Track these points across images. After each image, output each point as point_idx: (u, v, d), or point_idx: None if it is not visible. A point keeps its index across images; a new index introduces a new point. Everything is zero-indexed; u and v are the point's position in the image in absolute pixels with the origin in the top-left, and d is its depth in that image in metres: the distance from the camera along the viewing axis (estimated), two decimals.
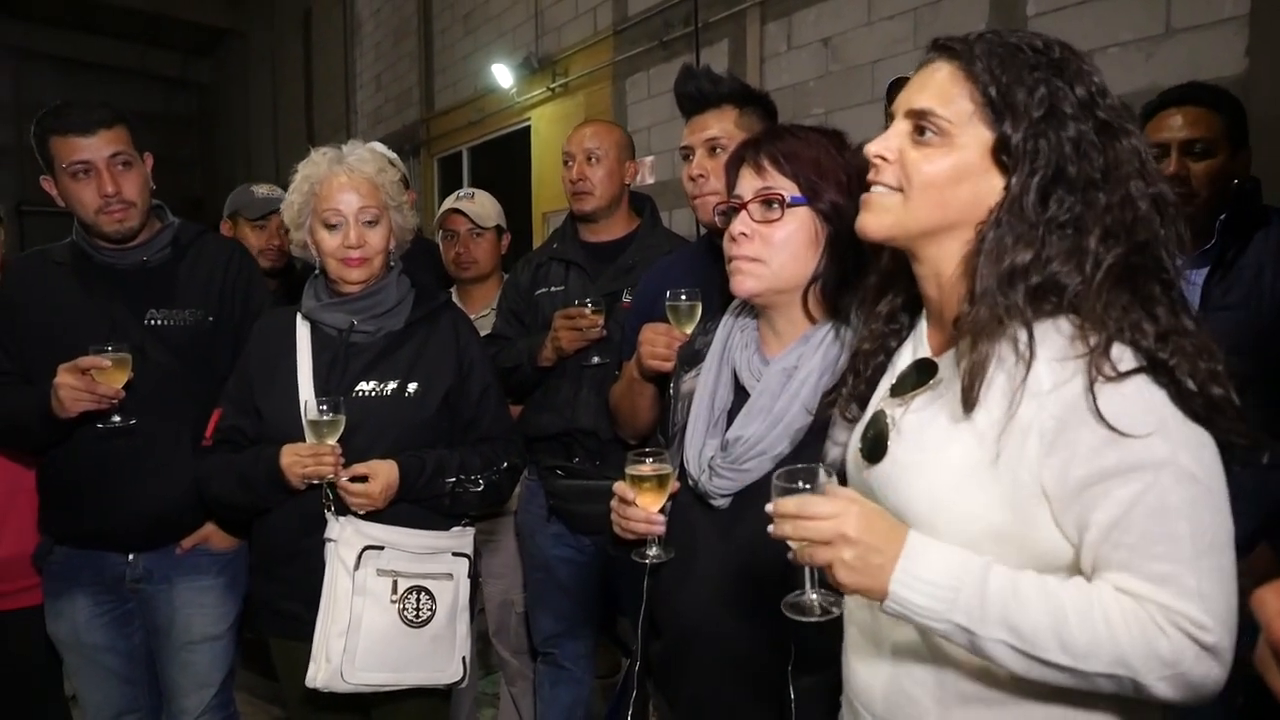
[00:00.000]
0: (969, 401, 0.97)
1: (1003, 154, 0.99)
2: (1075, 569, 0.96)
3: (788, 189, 1.34)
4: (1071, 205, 0.97)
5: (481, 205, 2.86)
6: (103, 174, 1.98)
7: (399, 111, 8.74)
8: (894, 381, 1.13)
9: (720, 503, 1.37)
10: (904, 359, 1.14)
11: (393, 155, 3.27)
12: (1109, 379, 0.91)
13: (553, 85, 6.17)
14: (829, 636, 1.18)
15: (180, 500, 2.05)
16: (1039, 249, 0.97)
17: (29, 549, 2.12)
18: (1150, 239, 0.96)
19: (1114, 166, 0.97)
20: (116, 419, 1.94)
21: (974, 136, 1.01)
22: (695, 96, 1.92)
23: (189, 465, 2.01)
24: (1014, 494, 0.96)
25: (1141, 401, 0.91)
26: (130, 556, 2.09)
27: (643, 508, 1.37)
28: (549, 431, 2.41)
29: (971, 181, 1.02)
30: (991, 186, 1.01)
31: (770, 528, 1.00)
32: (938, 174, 1.02)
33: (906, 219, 1.05)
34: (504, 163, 7.15)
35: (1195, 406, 0.92)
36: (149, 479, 2.03)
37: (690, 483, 1.41)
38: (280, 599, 1.92)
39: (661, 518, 1.38)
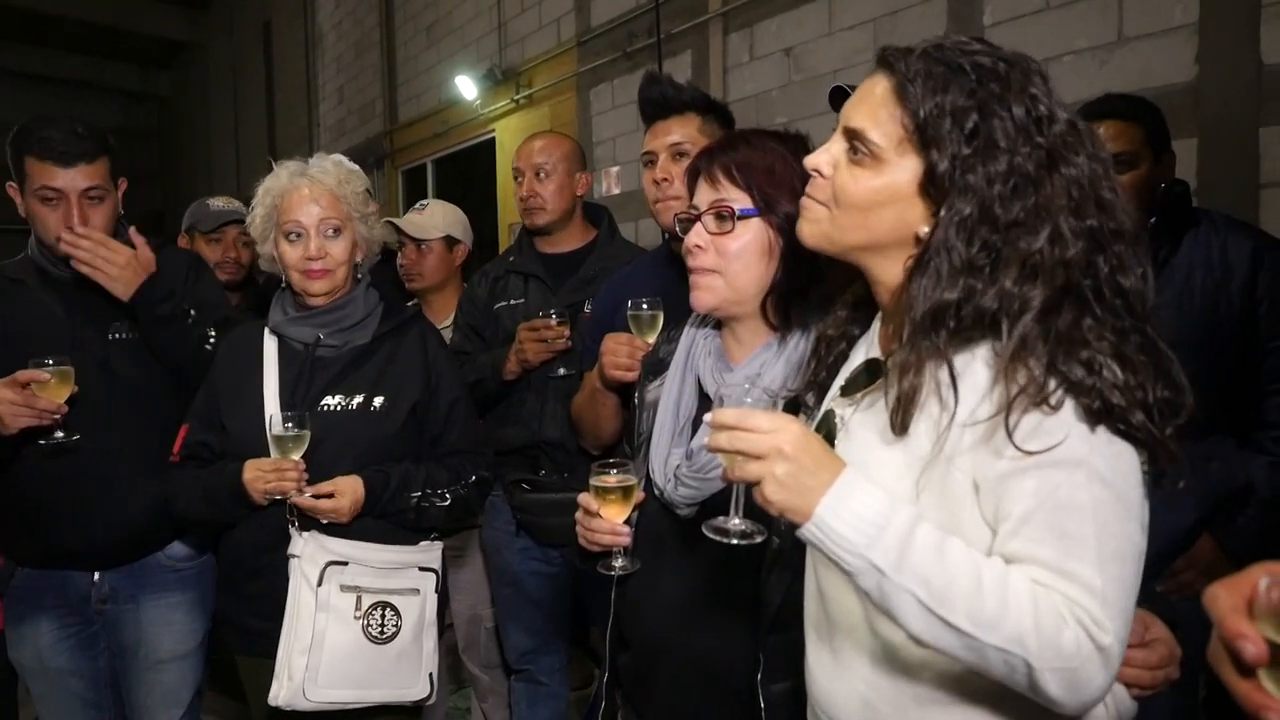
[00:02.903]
0: (897, 429, 0.98)
1: (929, 185, 0.98)
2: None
3: (740, 200, 1.34)
4: (993, 245, 0.95)
5: (428, 217, 2.83)
6: (72, 207, 1.94)
7: (362, 124, 8.69)
8: (845, 380, 1.14)
9: (686, 512, 1.37)
10: (859, 356, 1.15)
11: (354, 167, 3.25)
12: (1036, 406, 0.91)
13: (517, 97, 6.16)
14: (797, 643, 1.18)
15: (145, 516, 2.02)
16: (963, 289, 0.96)
17: None
18: (1079, 279, 0.94)
19: (1044, 204, 0.94)
20: (59, 434, 1.87)
21: (903, 163, 1.00)
22: (659, 102, 1.94)
23: (154, 480, 1.98)
24: (944, 503, 0.97)
25: (1058, 424, 0.91)
26: (96, 576, 2.05)
27: (608, 519, 1.37)
28: (514, 445, 2.40)
29: (897, 207, 1.01)
30: (918, 214, 1.01)
31: (704, 439, 0.97)
32: (862, 195, 1.02)
33: (834, 234, 1.07)
34: (469, 175, 7.13)
35: (1119, 427, 0.92)
36: (113, 494, 2.00)
37: (656, 492, 1.41)
38: (246, 615, 1.90)
39: (627, 529, 1.38)
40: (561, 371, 2.32)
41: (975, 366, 0.96)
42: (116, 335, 2.03)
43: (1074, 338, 0.92)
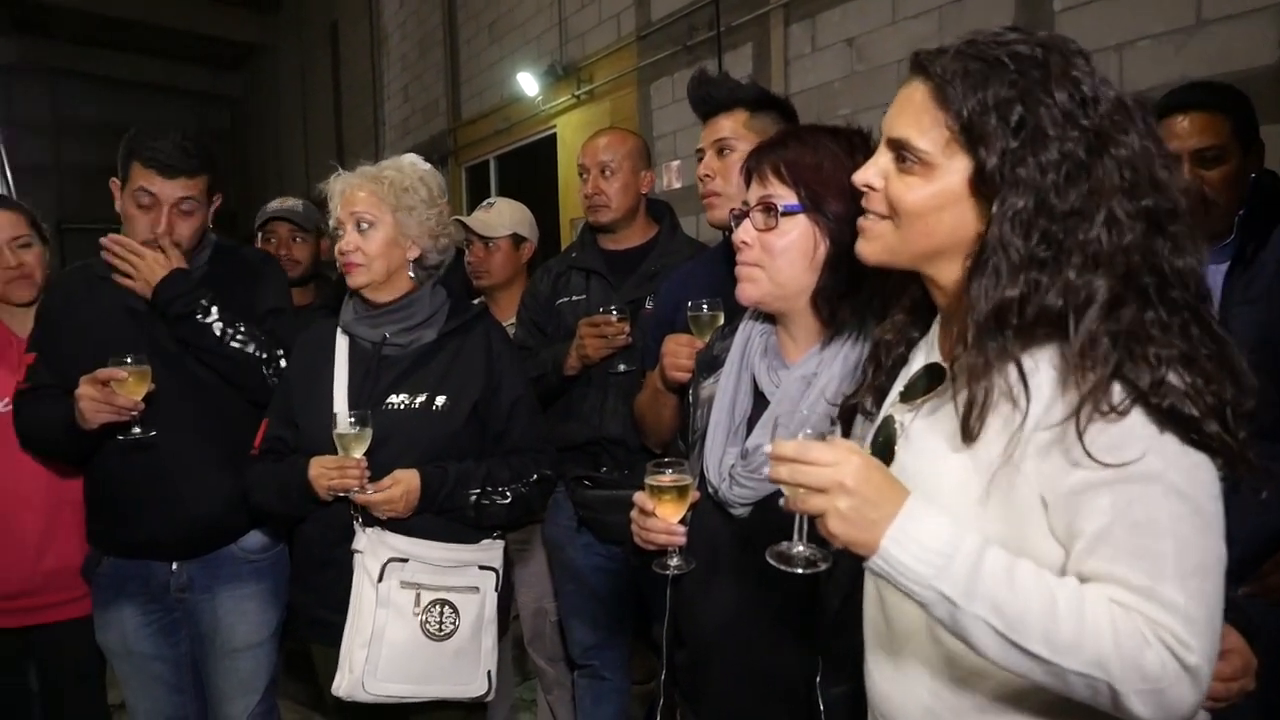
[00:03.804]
0: (966, 435, 0.97)
1: (981, 184, 0.97)
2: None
3: (786, 197, 1.34)
4: (1054, 236, 0.94)
5: (495, 215, 2.86)
6: (163, 214, 2.02)
7: (427, 122, 8.82)
8: (905, 385, 1.12)
9: (740, 512, 1.37)
10: (918, 360, 1.14)
11: (422, 166, 3.31)
12: (1101, 414, 0.89)
13: (578, 92, 6.19)
14: (856, 646, 1.18)
15: (219, 510, 2.09)
16: (1025, 285, 0.94)
17: (76, 561, 2.17)
18: (1141, 263, 0.92)
19: (1097, 188, 0.93)
20: (136, 430, 1.94)
21: (953, 165, 0.99)
22: (704, 99, 1.93)
23: (227, 476, 2.05)
24: (1011, 512, 0.95)
25: (1131, 435, 0.89)
26: (174, 566, 2.13)
27: (662, 518, 1.38)
28: (575, 441, 2.42)
29: (954, 210, 1.00)
30: (976, 214, 0.99)
31: (766, 469, 0.98)
32: (920, 203, 1.01)
33: (897, 246, 1.05)
34: (531, 170, 7.18)
35: (1193, 437, 0.89)
36: (188, 489, 2.06)
37: (710, 491, 1.41)
38: (315, 606, 1.96)
39: (681, 528, 1.38)
40: (622, 368, 2.33)
41: (1043, 369, 0.94)
42: None
43: (1139, 335, 0.90)
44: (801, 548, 1.06)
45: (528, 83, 6.61)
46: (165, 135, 2.03)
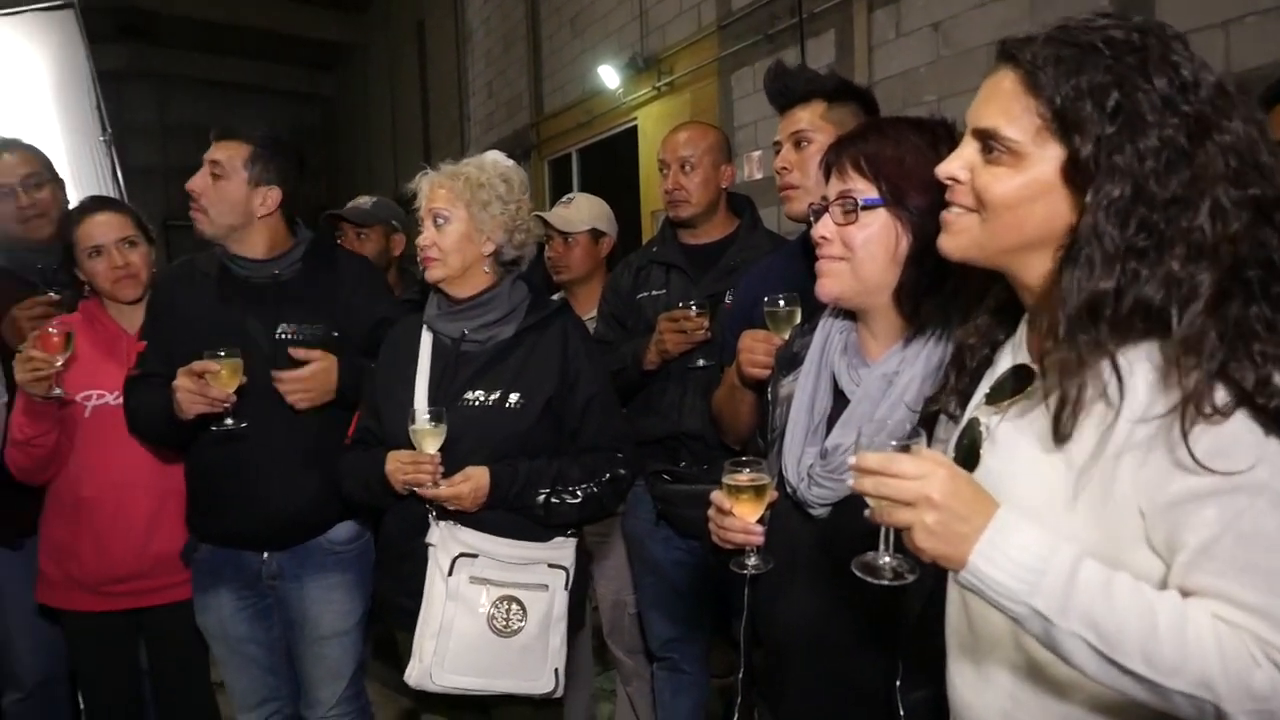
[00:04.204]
0: (1059, 435, 0.93)
1: (1075, 172, 0.93)
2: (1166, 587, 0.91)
3: (866, 191, 1.32)
4: (1154, 225, 0.90)
5: (574, 210, 2.88)
6: (199, 173, 2.15)
7: (510, 116, 8.93)
8: (991, 387, 1.09)
9: (820, 512, 1.35)
10: (1004, 362, 1.10)
11: (504, 163, 3.35)
12: (1204, 416, 0.85)
13: (658, 84, 6.19)
14: (938, 650, 1.16)
15: (307, 503, 2.15)
16: (1121, 276, 0.90)
17: (179, 547, 2.27)
18: (1248, 254, 0.88)
19: (1199, 175, 0.89)
20: (229, 422, 2.02)
21: (1044, 154, 0.95)
22: (781, 92, 1.90)
23: (313, 473, 2.12)
24: (1105, 514, 0.91)
25: (1238, 441, 0.85)
26: (265, 555, 2.20)
27: (740, 517, 1.37)
28: (654, 435, 2.42)
29: (1045, 201, 0.96)
30: (1069, 204, 0.95)
31: (850, 480, 0.97)
32: (1009, 195, 0.98)
33: (984, 240, 1.02)
34: (612, 163, 7.22)
35: None
36: (276, 482, 2.14)
37: (789, 490, 1.39)
38: (398, 594, 2.00)
39: (759, 528, 1.37)
40: (701, 363, 2.33)
41: (1138, 367, 0.90)
42: (283, 334, 2.16)
43: (1246, 332, 0.86)
44: (888, 559, 1.03)
45: (609, 75, 6.64)
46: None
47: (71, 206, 2.48)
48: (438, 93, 10.91)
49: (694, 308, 2.27)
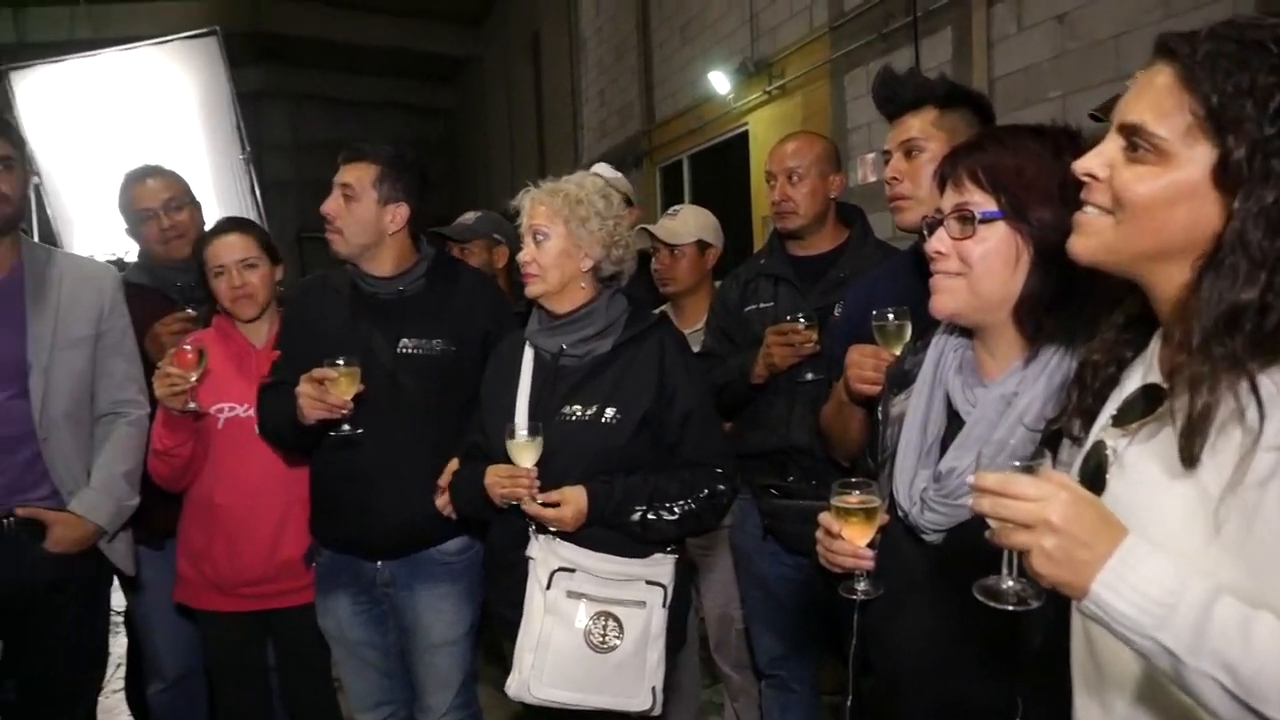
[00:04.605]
0: (1188, 459, 0.87)
1: (1225, 175, 0.87)
2: None
3: (984, 204, 1.25)
4: None
5: (680, 222, 2.86)
6: (331, 197, 2.23)
7: (622, 124, 9.02)
8: (1119, 408, 1.02)
9: (933, 538, 1.30)
10: (1133, 381, 1.03)
11: (604, 176, 3.38)
12: None
13: (769, 88, 6.13)
14: (1061, 687, 1.09)
15: (420, 515, 2.20)
16: (1268, 290, 0.84)
17: (303, 553, 2.37)
18: None
19: None
20: (346, 428, 2.09)
21: (1193, 155, 0.89)
22: (889, 99, 1.84)
23: (428, 484, 2.17)
24: (1248, 549, 0.84)
25: None
26: (379, 563, 2.27)
27: (849, 541, 1.33)
28: (762, 449, 2.39)
29: (1189, 205, 0.90)
30: (1217, 210, 0.89)
31: (969, 499, 0.93)
32: (1151, 196, 0.92)
33: (1117, 243, 0.96)
34: (723, 169, 7.19)
35: None
36: (391, 493, 2.20)
37: (900, 514, 1.34)
38: (502, 605, 2.04)
39: (869, 552, 1.33)
40: (810, 376, 2.28)
41: None
42: (404, 350, 2.22)
43: None
44: (1012, 583, 0.99)
45: (719, 81, 6.63)
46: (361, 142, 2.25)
47: (207, 227, 2.62)
48: (552, 102, 11.11)
49: (802, 321, 2.23)
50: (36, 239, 6.15)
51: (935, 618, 1.29)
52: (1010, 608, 0.98)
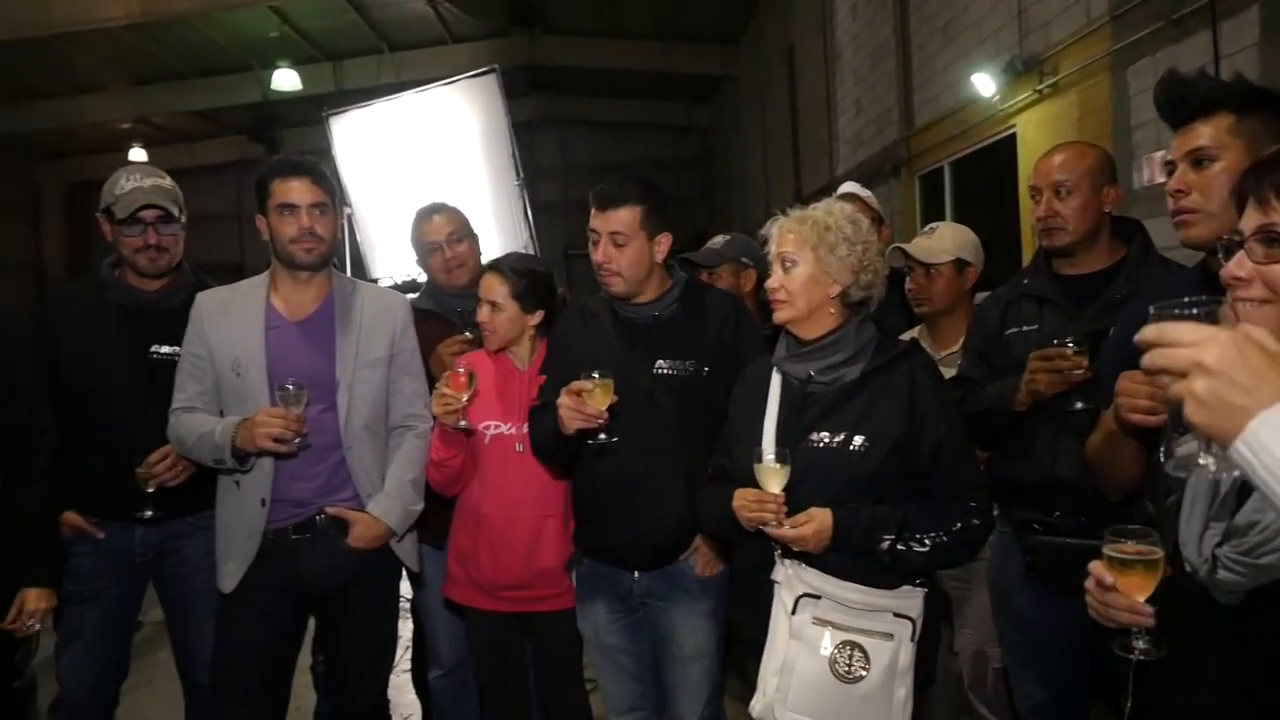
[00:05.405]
0: None
1: None
2: None
3: None
4: None
5: (936, 240, 2.75)
6: (601, 244, 2.33)
7: (879, 133, 8.78)
8: None
9: (1229, 599, 1.16)
10: None
11: (863, 193, 3.30)
12: None
13: (1040, 86, 5.72)
14: None
15: (673, 531, 2.30)
16: None
17: (555, 564, 2.53)
18: None
19: None
20: (602, 437, 2.19)
21: None
22: (1175, 104, 1.65)
23: (683, 501, 2.25)
24: None
25: None
26: (636, 574, 2.37)
27: (1125, 594, 1.22)
28: (1024, 481, 2.24)
29: None
30: None
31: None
32: None
33: None
34: (988, 174, 6.80)
35: None
36: (647, 508, 2.30)
37: (1188, 568, 1.21)
38: (745, 625, 2.06)
39: (1148, 609, 1.21)
40: (1079, 405, 2.10)
41: None
42: (660, 370, 2.32)
43: None
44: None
45: (983, 82, 6.28)
46: (609, 181, 2.33)
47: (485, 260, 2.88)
48: (807, 114, 11.04)
49: (1071, 345, 2.07)
50: (348, 263, 7.03)
51: (1233, 690, 1.15)
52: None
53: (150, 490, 2.47)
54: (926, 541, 1.86)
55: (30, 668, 2.95)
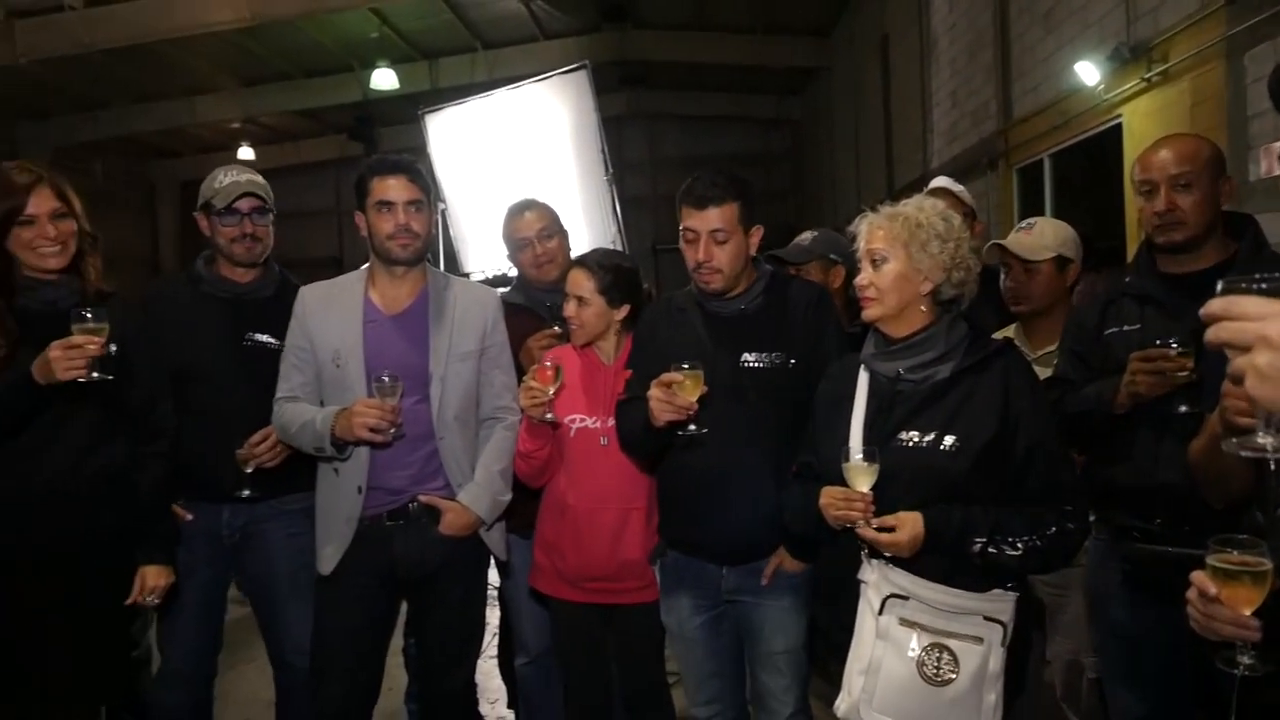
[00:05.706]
0: None
1: None
2: None
3: None
4: None
5: (1036, 237, 2.67)
6: (700, 244, 2.33)
7: (975, 125, 8.54)
8: None
9: None
10: None
11: (956, 189, 3.22)
12: None
13: (1148, 75, 5.48)
14: None
15: (759, 526, 2.30)
16: None
17: (638, 557, 2.55)
18: None
19: None
20: (691, 428, 2.20)
21: None
22: None
23: (770, 492, 2.25)
24: None
25: None
26: (724, 570, 2.39)
27: (1229, 606, 1.18)
28: (1124, 486, 2.17)
29: None
30: None
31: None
32: None
33: None
34: (1091, 167, 6.56)
35: None
36: (735, 503, 2.31)
37: None
38: (831, 624, 2.06)
39: (1255, 622, 1.17)
40: (1183, 409, 2.02)
41: None
42: (746, 364, 2.33)
43: None
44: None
45: (1087, 71, 6.05)
46: (699, 178, 2.32)
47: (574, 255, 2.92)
48: (900, 106, 10.81)
49: (1174, 346, 1.99)
50: (442, 257, 7.23)
51: None
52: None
53: (249, 471, 2.58)
54: (1019, 545, 1.83)
55: (146, 638, 3.14)
